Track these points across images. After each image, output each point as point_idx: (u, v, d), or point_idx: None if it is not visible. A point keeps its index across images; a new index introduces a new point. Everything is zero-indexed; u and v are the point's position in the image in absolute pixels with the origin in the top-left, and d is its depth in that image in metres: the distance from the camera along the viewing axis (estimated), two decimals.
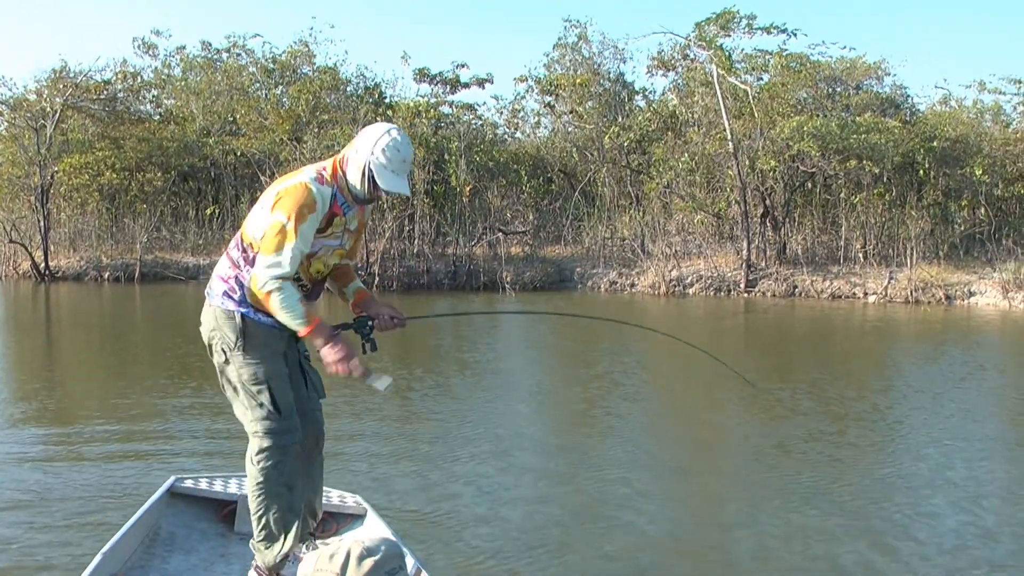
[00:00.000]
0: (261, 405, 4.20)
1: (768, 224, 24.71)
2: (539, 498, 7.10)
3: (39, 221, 25.65)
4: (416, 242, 24.95)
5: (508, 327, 17.97)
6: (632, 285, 24.15)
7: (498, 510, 6.75)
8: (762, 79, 26.95)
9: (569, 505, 6.99)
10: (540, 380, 12.68)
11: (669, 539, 6.29)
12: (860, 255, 23.96)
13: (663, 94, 30.20)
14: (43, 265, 25.23)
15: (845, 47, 38.66)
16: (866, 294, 22.49)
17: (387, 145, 4.05)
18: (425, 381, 11.58)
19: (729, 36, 27.53)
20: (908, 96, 27.78)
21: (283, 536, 4.22)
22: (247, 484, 4.35)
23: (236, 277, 4.21)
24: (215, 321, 4.26)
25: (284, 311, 4.01)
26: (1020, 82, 26.72)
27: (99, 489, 6.84)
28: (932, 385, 12.11)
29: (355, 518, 4.96)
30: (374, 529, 4.71)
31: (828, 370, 13.28)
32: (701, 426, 9.95)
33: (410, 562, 4.23)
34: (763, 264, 24.04)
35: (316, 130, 25.79)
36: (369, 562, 2.16)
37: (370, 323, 4.38)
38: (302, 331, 4.05)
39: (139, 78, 30.24)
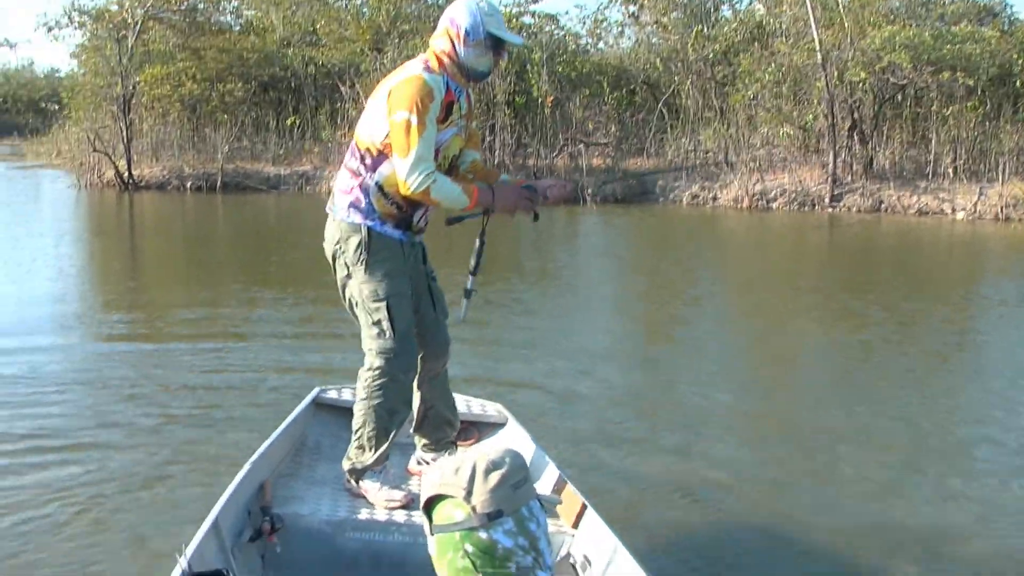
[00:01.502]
0: (377, 323, 4.11)
1: (855, 137, 24.03)
2: (603, 402, 7.11)
3: (121, 130, 25.88)
4: (497, 153, 24.75)
5: (585, 235, 17.84)
6: (714, 199, 23.70)
7: (565, 410, 6.76)
8: None
9: (633, 410, 6.99)
10: (614, 290, 12.58)
11: (730, 444, 6.26)
12: (950, 170, 23.15)
13: (750, 4, 29.44)
14: (126, 174, 25.54)
15: None
16: (954, 210, 21.81)
17: (487, 9, 4.03)
18: (494, 286, 11.46)
19: None
20: (1006, 4, 26.71)
21: (371, 451, 4.22)
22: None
23: (360, 186, 4.10)
24: (339, 234, 4.15)
25: (446, 199, 3.96)
26: None
27: (241, 401, 6.94)
28: (1011, 301, 11.77)
29: (496, 426, 4.94)
30: (514, 437, 4.68)
31: (909, 285, 12.96)
32: (773, 338, 9.80)
33: (554, 473, 4.19)
34: (849, 178, 23.42)
35: (397, 40, 25.57)
36: (496, 475, 2.09)
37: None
38: (469, 204, 4.01)
39: None
